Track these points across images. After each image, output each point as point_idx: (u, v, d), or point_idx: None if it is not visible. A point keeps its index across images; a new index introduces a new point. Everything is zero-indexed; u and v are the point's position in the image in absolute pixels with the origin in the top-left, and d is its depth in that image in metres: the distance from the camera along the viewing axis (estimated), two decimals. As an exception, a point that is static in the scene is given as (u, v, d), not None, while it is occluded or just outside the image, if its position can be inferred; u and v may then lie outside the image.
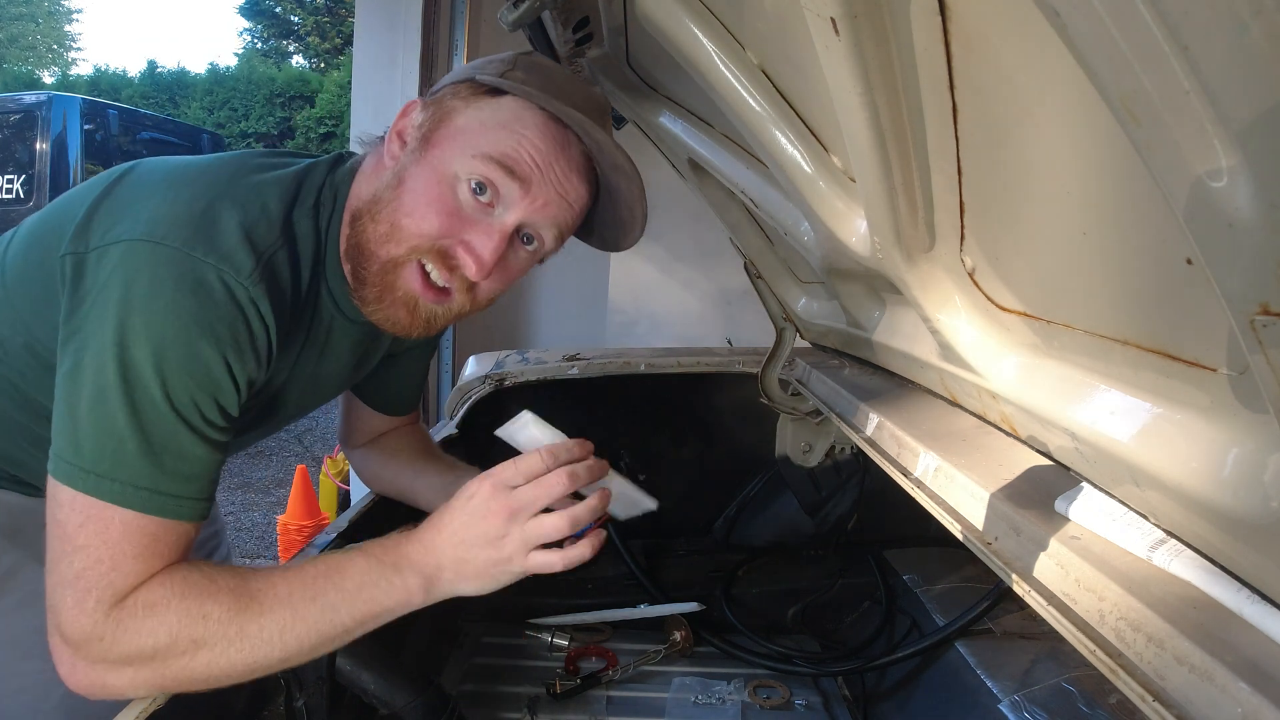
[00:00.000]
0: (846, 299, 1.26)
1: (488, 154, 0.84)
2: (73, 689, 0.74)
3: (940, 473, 0.88)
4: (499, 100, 0.88)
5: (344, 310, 0.97)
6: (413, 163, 0.87)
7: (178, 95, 12.68)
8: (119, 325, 0.73)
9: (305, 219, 0.90)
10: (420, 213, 0.85)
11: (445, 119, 0.88)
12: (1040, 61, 0.54)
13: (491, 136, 0.85)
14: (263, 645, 0.76)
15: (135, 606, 0.73)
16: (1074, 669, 1.19)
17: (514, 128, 0.86)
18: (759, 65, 0.93)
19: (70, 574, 0.72)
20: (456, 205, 0.85)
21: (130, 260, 0.75)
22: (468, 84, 0.90)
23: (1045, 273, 0.73)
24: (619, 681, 1.49)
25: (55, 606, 0.73)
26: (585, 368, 1.80)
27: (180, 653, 0.74)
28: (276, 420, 1.07)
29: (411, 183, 0.86)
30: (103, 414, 0.72)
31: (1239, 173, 0.34)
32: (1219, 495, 0.54)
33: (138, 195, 0.80)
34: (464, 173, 0.85)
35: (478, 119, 0.87)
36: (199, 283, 0.76)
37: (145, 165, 0.87)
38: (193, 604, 0.74)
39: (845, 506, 1.81)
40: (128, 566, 0.73)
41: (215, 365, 0.77)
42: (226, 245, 0.79)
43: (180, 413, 0.75)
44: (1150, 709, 0.52)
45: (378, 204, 0.87)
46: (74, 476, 0.73)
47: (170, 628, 0.74)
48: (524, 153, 0.85)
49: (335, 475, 3.95)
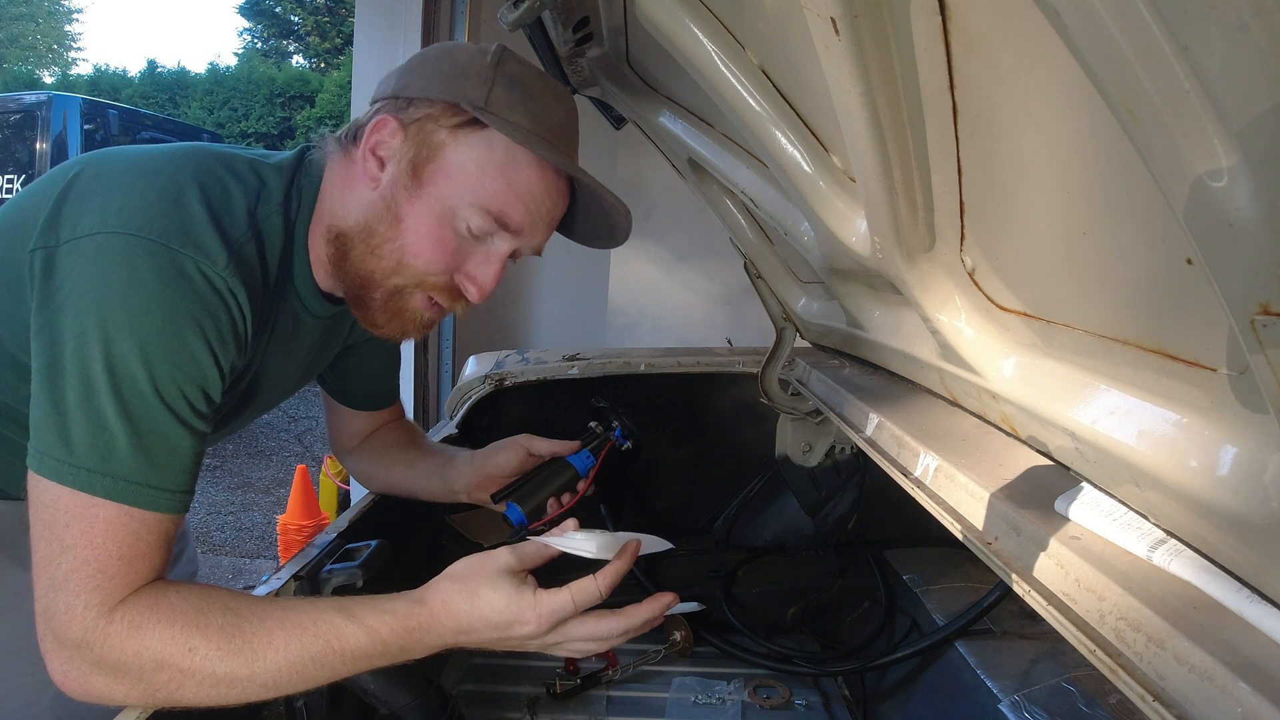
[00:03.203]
0: (846, 299, 1.26)
1: (485, 207, 0.88)
2: (67, 693, 0.73)
3: (940, 473, 0.88)
4: (489, 137, 0.87)
5: (309, 307, 0.99)
6: (407, 199, 0.88)
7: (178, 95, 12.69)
8: (100, 319, 0.72)
9: (274, 215, 0.90)
10: (426, 254, 0.89)
11: (435, 154, 0.88)
12: (1040, 61, 0.54)
13: (488, 187, 0.88)
14: (255, 689, 0.76)
15: (121, 624, 0.72)
16: (1074, 669, 1.19)
17: (508, 175, 0.88)
18: (759, 65, 0.93)
19: (60, 576, 0.72)
20: (457, 243, 0.90)
21: (106, 253, 0.74)
22: (450, 110, 0.87)
23: (1045, 273, 0.73)
24: (619, 681, 1.49)
25: (49, 610, 0.72)
26: (585, 368, 1.80)
27: (166, 681, 0.73)
28: (247, 415, 1.07)
29: (412, 221, 0.88)
30: (91, 408, 0.72)
31: (1239, 173, 0.34)
32: (1219, 495, 0.54)
33: (102, 187, 0.79)
34: (462, 215, 0.88)
35: (471, 159, 0.88)
36: (180, 273, 0.76)
37: (102, 156, 0.86)
38: (178, 634, 0.73)
39: (845, 506, 1.81)
40: (113, 569, 0.73)
41: (202, 354, 0.77)
42: (201, 237, 0.79)
43: (169, 404, 0.75)
44: (1150, 709, 0.52)
45: (373, 236, 0.89)
46: (62, 472, 0.72)
47: (155, 653, 0.72)
48: (519, 205, 0.89)
49: (335, 475, 3.95)
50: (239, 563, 4.04)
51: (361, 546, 1.10)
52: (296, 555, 1.12)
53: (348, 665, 0.79)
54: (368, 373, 1.27)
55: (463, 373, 1.92)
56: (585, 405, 1.87)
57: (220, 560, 4.04)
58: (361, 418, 1.31)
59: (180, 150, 0.87)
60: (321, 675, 0.78)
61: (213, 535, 4.31)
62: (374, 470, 1.32)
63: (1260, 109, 0.32)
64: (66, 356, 0.72)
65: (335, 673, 0.79)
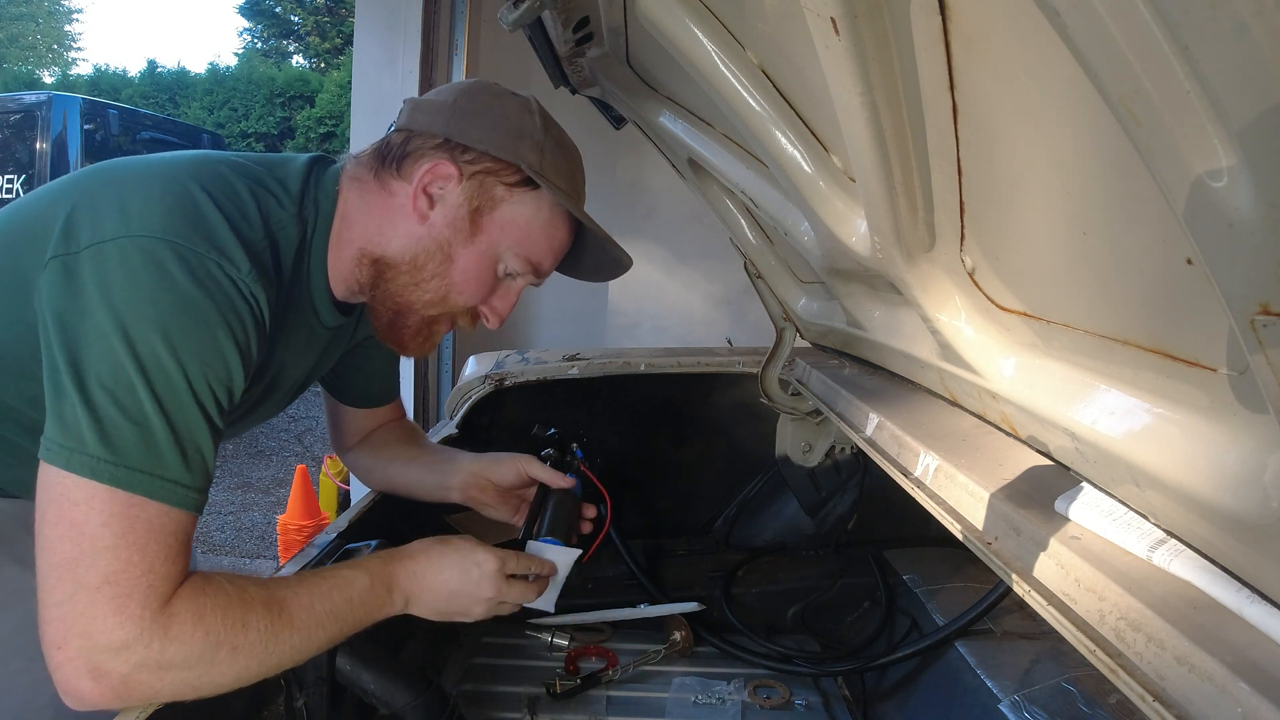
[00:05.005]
0: (846, 299, 1.26)
1: (527, 258, 1.00)
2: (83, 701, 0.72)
3: (940, 473, 0.88)
4: (539, 198, 0.98)
5: (323, 318, 1.02)
6: (462, 243, 0.97)
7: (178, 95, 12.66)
8: (132, 317, 0.73)
9: (290, 225, 0.92)
10: (469, 291, 0.99)
11: (493, 206, 0.97)
12: (1040, 61, 0.54)
13: (534, 241, 0.99)
14: (289, 652, 0.81)
15: (184, 614, 0.73)
16: (1074, 669, 1.19)
17: (549, 232, 1.00)
18: (759, 65, 0.93)
19: (97, 578, 0.70)
20: (494, 281, 1.01)
21: (133, 255, 0.75)
22: (510, 169, 0.95)
23: (1045, 272, 0.73)
24: (619, 681, 1.49)
25: (81, 614, 0.70)
26: (585, 368, 1.80)
27: (220, 660, 0.75)
28: (251, 420, 1.09)
29: (463, 264, 0.97)
30: (128, 406, 0.72)
31: (1239, 173, 0.34)
32: (1219, 495, 0.54)
33: (117, 194, 0.80)
34: (504, 260, 0.99)
35: (523, 216, 0.98)
36: (208, 275, 0.77)
37: (110, 165, 0.86)
38: (235, 613, 0.77)
39: (845, 506, 1.81)
40: (161, 568, 0.73)
41: (230, 354, 0.78)
42: (223, 242, 0.80)
43: (201, 402, 0.76)
44: (1150, 709, 0.52)
45: (420, 270, 0.97)
46: (99, 470, 0.71)
47: (217, 636, 0.74)
48: (551, 256, 1.03)
49: (335, 475, 3.95)
50: (239, 563, 4.04)
51: (361, 546, 1.10)
52: (296, 555, 1.12)
53: (355, 612, 0.88)
54: (368, 372, 1.28)
55: (463, 373, 1.92)
56: (585, 406, 1.87)
57: (220, 560, 4.04)
58: (362, 415, 1.32)
59: (186, 158, 0.88)
60: (336, 629, 0.86)
61: (213, 535, 4.31)
62: (373, 467, 1.34)
63: (1260, 109, 0.32)
64: (95, 355, 0.72)
65: (344, 623, 0.87)
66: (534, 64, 1.32)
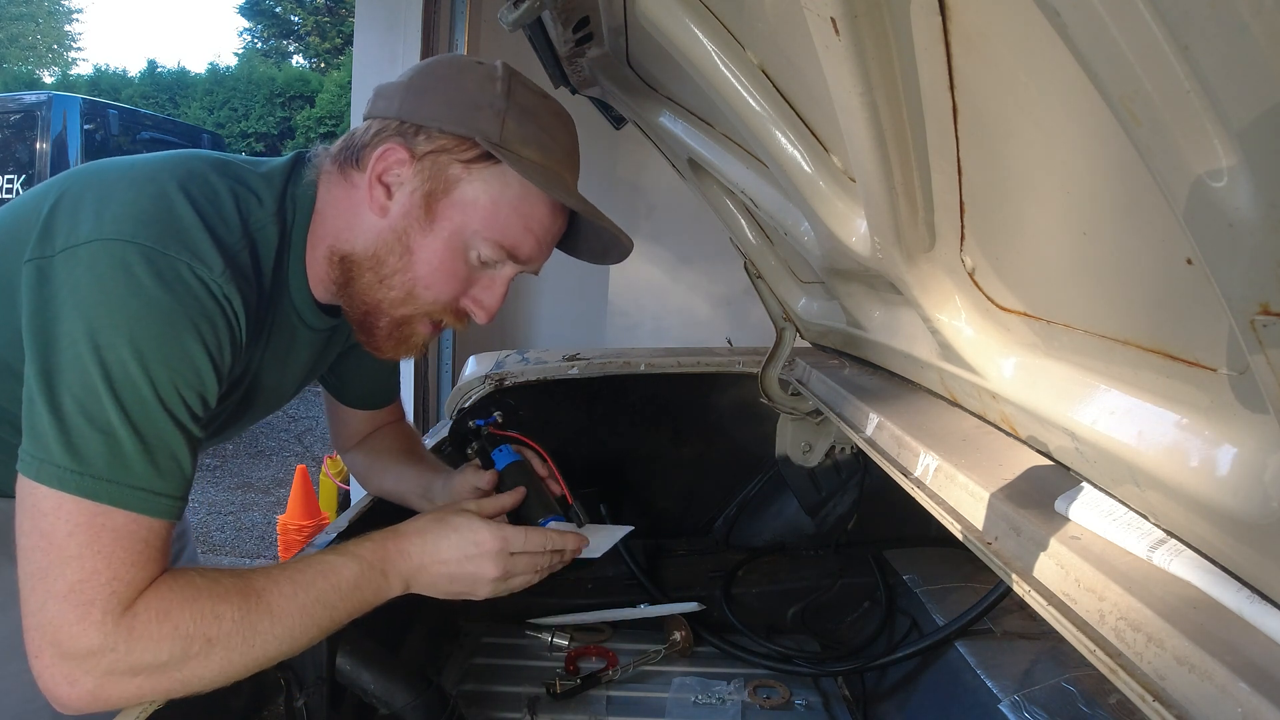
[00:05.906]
0: (846, 299, 1.26)
1: (498, 241, 0.90)
2: (67, 708, 0.71)
3: (940, 473, 0.88)
4: (503, 173, 0.88)
5: (306, 321, 0.98)
6: (419, 232, 0.89)
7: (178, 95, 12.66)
8: (98, 324, 0.71)
9: (269, 225, 0.89)
10: (438, 285, 0.91)
11: (449, 188, 0.88)
12: (1040, 61, 0.54)
13: (502, 221, 0.89)
14: (272, 642, 0.78)
15: (148, 615, 0.72)
16: (1074, 669, 1.19)
17: (521, 210, 0.90)
18: (759, 65, 0.93)
19: (63, 587, 0.69)
20: (467, 272, 0.92)
21: (102, 259, 0.73)
22: (464, 144, 0.87)
23: (1045, 273, 0.72)
24: (619, 681, 1.49)
25: (50, 623, 0.70)
26: (585, 368, 1.80)
27: (194, 655, 0.73)
28: (243, 422, 1.07)
29: (423, 254, 0.89)
30: (93, 415, 0.71)
31: (1239, 173, 0.34)
32: (1219, 495, 0.54)
33: (95, 197, 0.79)
34: (474, 246, 0.90)
35: (485, 195, 0.89)
36: (176, 278, 0.75)
37: (92, 168, 0.85)
38: (205, 605, 0.74)
39: (845, 506, 1.81)
40: (127, 575, 0.72)
41: (200, 359, 0.77)
42: (197, 244, 0.78)
43: (169, 409, 0.74)
44: (1150, 709, 0.52)
45: (382, 265, 0.90)
46: (66, 479, 0.70)
47: (186, 631, 0.73)
48: (529, 238, 0.92)
49: (335, 475, 3.95)
50: (239, 563, 4.04)
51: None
52: (296, 555, 1.12)
53: (344, 599, 0.84)
54: (366, 373, 1.27)
55: (463, 373, 1.92)
56: (585, 406, 1.87)
57: (220, 560, 4.04)
58: (361, 416, 1.32)
59: (169, 158, 0.87)
60: (325, 617, 0.82)
61: (213, 535, 4.31)
62: (368, 474, 1.33)
63: (1260, 109, 0.32)
64: (65, 363, 0.71)
65: (335, 610, 0.83)
66: (534, 64, 1.32)
